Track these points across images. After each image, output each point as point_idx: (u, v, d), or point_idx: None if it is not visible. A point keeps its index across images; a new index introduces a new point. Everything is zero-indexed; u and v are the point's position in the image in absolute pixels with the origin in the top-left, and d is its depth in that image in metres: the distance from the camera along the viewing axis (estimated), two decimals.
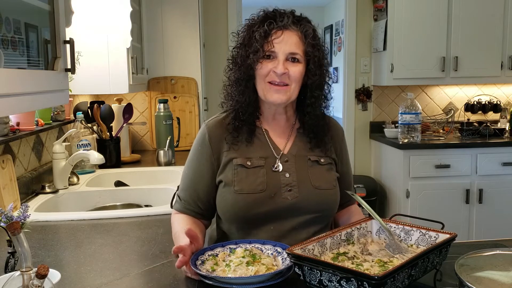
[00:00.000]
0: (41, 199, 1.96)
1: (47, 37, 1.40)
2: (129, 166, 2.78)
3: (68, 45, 1.44)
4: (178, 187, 1.51)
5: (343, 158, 1.53)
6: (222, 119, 1.46)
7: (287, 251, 1.08)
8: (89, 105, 2.71)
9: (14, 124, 1.98)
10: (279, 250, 1.23)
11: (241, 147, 1.41)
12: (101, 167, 2.56)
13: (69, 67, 1.46)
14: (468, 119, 4.11)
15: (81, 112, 2.54)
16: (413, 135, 3.60)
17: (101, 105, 2.72)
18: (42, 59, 1.44)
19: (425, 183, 3.61)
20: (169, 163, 2.72)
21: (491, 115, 4.25)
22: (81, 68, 2.51)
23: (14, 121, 1.99)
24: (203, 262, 1.18)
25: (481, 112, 4.19)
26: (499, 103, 4.13)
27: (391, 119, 4.17)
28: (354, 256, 1.18)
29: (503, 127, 3.91)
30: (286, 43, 1.36)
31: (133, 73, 2.78)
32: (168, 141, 2.74)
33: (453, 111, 4.08)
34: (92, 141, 2.56)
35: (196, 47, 3.44)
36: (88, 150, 2.37)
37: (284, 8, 1.42)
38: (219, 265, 1.17)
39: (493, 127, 3.88)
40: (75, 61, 1.52)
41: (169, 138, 2.76)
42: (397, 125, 3.77)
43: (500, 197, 3.65)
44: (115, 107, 2.85)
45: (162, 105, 2.89)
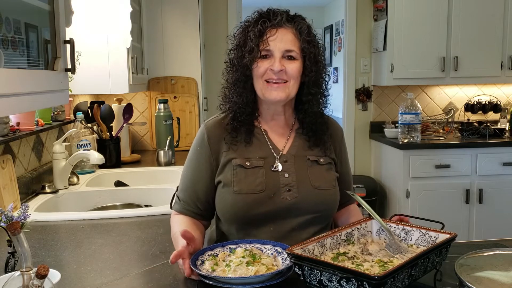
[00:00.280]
0: (41, 199, 1.96)
1: (47, 37, 1.40)
2: (129, 166, 2.78)
3: (68, 45, 1.44)
4: (177, 187, 1.51)
5: (342, 157, 1.53)
6: (221, 119, 1.45)
7: (287, 251, 1.08)
8: (89, 105, 2.71)
9: (14, 124, 1.98)
10: (279, 250, 1.23)
11: (240, 148, 1.41)
12: (101, 167, 2.56)
13: (69, 67, 1.46)
14: (468, 119, 4.11)
15: (81, 112, 2.54)
16: (413, 135, 3.60)
17: (101, 105, 2.72)
18: (42, 59, 1.43)
19: (425, 183, 3.61)
20: (169, 163, 2.72)
21: (491, 115, 4.25)
22: (81, 68, 2.51)
23: (14, 121, 1.99)
24: (203, 262, 1.18)
25: (481, 112, 4.18)
26: (499, 103, 4.13)
27: (391, 119, 4.17)
28: (354, 256, 1.18)
29: (503, 127, 3.91)
30: (281, 41, 1.35)
31: (133, 73, 2.78)
32: (168, 141, 2.74)
33: (453, 111, 4.08)
34: (92, 141, 2.56)
35: (196, 47, 3.44)
36: (88, 150, 2.37)
37: (283, 8, 1.41)
38: (219, 265, 1.17)
39: (493, 127, 3.88)
40: (75, 61, 1.52)
41: (169, 138, 2.76)
42: (397, 125, 3.77)
43: (500, 197, 3.65)
44: (115, 107, 2.85)
45: (162, 105, 2.89)
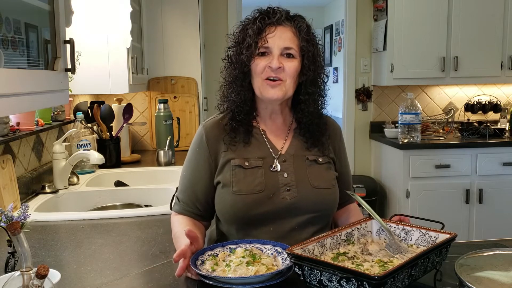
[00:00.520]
0: (41, 199, 1.96)
1: (47, 37, 1.40)
2: (129, 166, 2.78)
3: (68, 45, 1.44)
4: (177, 188, 1.51)
5: (341, 157, 1.53)
6: (219, 119, 1.45)
7: (287, 251, 1.08)
8: (89, 105, 2.71)
9: (14, 124, 1.98)
10: (279, 250, 1.22)
11: (238, 148, 1.40)
12: (101, 167, 2.56)
13: (69, 67, 1.46)
14: (468, 119, 4.11)
15: (81, 112, 2.54)
16: (413, 135, 3.60)
17: (101, 105, 2.72)
18: (42, 59, 1.43)
19: (425, 183, 3.61)
20: (169, 163, 2.72)
21: (491, 115, 4.25)
22: (81, 68, 2.51)
23: (14, 121, 1.99)
24: (203, 262, 1.18)
25: (481, 112, 4.18)
26: (499, 103, 4.13)
27: (391, 119, 4.17)
28: (354, 256, 1.18)
29: (503, 127, 3.91)
30: (280, 38, 1.35)
31: (133, 73, 2.78)
32: (168, 141, 2.74)
33: (453, 111, 4.08)
34: (92, 141, 2.56)
35: (196, 47, 3.44)
36: (88, 150, 2.37)
37: (283, 8, 1.41)
38: (219, 265, 1.17)
39: (493, 127, 3.88)
40: (75, 61, 1.52)
41: (169, 138, 2.76)
42: (397, 125, 3.77)
43: (500, 197, 3.65)
44: (115, 107, 2.85)
45: (162, 105, 2.89)
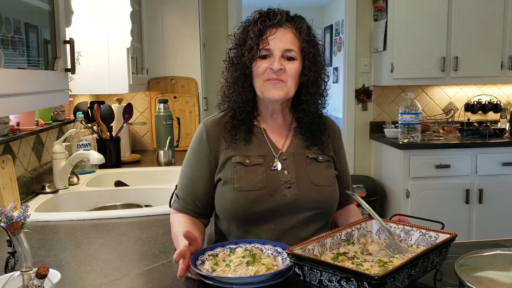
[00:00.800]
0: (41, 199, 1.96)
1: (47, 37, 1.40)
2: (129, 166, 2.78)
3: (68, 45, 1.44)
4: (176, 186, 1.51)
5: (340, 156, 1.54)
6: (220, 117, 1.46)
7: (287, 251, 1.08)
8: (89, 105, 2.71)
9: (14, 124, 1.98)
10: (279, 250, 1.22)
11: (239, 146, 1.41)
12: (101, 167, 2.56)
13: (69, 67, 1.46)
14: (468, 119, 4.11)
15: (81, 112, 2.54)
16: (413, 135, 3.60)
17: (101, 105, 2.72)
18: (42, 59, 1.43)
19: (425, 183, 3.61)
20: (169, 163, 2.72)
21: (491, 115, 4.25)
22: (81, 68, 2.51)
23: (14, 121, 1.99)
24: (203, 262, 1.18)
25: (481, 112, 4.18)
26: (499, 103, 4.13)
27: (391, 119, 4.17)
28: (354, 256, 1.18)
29: (503, 127, 3.91)
30: (281, 40, 1.36)
31: (133, 73, 2.78)
32: (168, 141, 2.74)
33: (453, 111, 4.08)
34: (92, 141, 2.56)
35: (196, 47, 3.44)
36: (88, 150, 2.37)
37: (283, 9, 1.42)
38: (219, 265, 1.17)
39: (493, 127, 3.88)
40: (75, 61, 1.52)
41: (169, 138, 2.76)
42: (397, 125, 3.77)
43: (500, 197, 3.65)
44: (115, 107, 2.85)
45: (162, 105, 2.89)
